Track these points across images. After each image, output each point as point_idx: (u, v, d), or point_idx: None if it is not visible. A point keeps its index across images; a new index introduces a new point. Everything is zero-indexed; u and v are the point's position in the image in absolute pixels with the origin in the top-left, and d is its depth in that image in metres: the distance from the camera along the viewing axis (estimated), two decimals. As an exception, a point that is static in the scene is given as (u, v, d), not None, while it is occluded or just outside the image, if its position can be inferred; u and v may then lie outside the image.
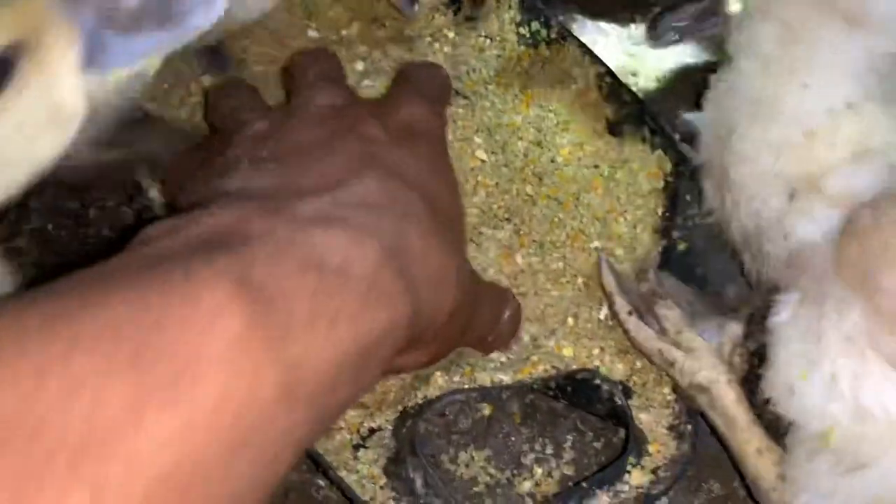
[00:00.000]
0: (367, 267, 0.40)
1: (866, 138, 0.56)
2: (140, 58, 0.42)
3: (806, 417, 0.52)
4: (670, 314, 0.63)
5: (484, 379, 0.62)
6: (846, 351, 0.50)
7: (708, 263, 0.68)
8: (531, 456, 0.64)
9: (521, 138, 0.72)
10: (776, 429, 0.56)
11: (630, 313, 0.64)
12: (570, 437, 0.66)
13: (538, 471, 0.64)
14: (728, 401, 0.57)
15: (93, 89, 0.41)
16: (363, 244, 0.40)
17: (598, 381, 0.62)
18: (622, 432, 0.64)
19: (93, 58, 0.40)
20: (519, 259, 0.68)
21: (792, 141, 0.57)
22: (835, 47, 0.57)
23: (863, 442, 0.50)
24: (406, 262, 0.43)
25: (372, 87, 0.72)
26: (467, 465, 0.63)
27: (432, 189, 0.50)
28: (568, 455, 0.65)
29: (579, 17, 0.81)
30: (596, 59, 0.73)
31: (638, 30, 0.82)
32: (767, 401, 0.55)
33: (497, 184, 0.70)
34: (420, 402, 0.62)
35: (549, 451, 0.65)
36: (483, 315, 0.59)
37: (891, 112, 0.57)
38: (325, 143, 0.49)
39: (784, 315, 0.53)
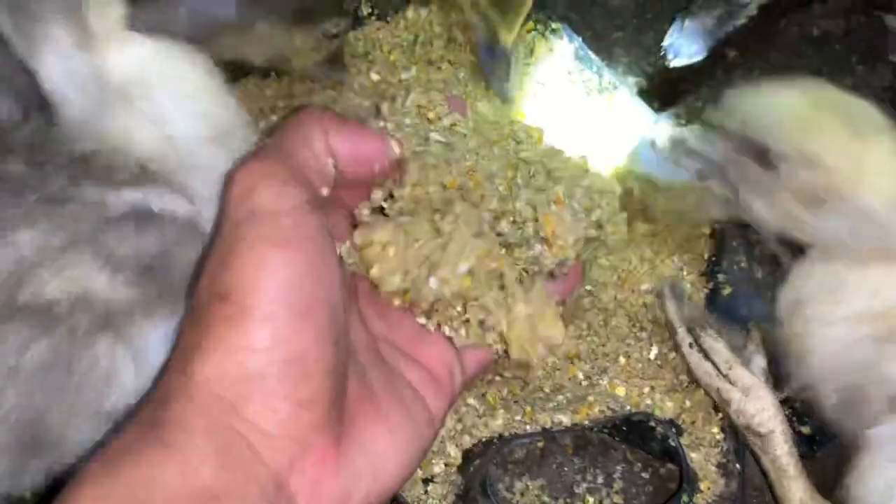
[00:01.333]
0: None
1: None
2: None
3: None
4: (717, 347, 0.66)
5: (544, 420, 0.66)
6: None
7: (751, 306, 0.71)
8: (583, 486, 0.68)
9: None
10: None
11: (691, 346, 0.67)
12: (619, 467, 0.70)
13: (590, 500, 0.68)
14: (781, 451, 0.61)
15: None
16: None
17: (652, 423, 0.65)
18: (668, 464, 0.67)
19: None
20: (571, 301, 0.71)
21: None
22: None
23: None
24: None
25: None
26: (523, 494, 0.67)
27: None
28: (618, 485, 0.68)
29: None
30: (646, 107, 0.77)
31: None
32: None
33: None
34: (485, 439, 0.65)
35: (599, 480, 0.69)
36: None
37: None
38: None
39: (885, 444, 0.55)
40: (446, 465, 0.65)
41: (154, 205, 0.51)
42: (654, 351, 0.70)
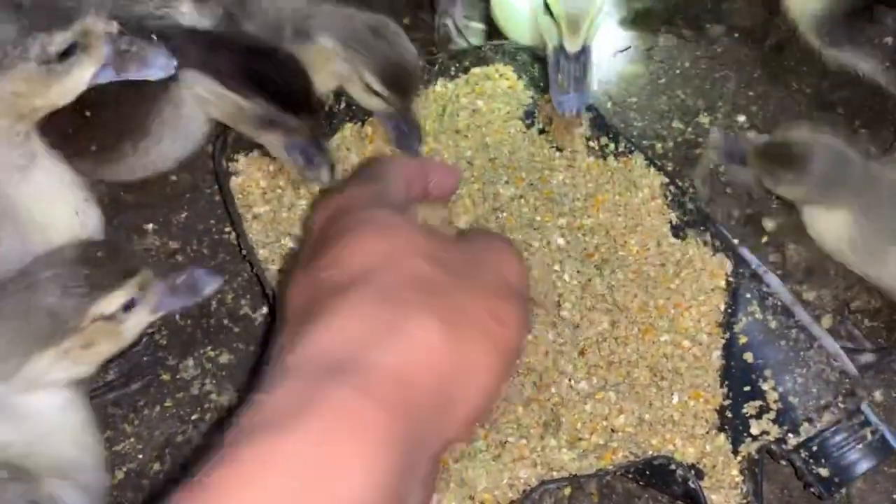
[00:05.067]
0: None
1: None
2: None
3: None
4: None
5: (571, 466, 0.69)
6: None
7: (766, 355, 0.74)
8: (608, 526, 0.71)
9: (593, 238, 0.80)
10: None
11: None
12: (641, 509, 0.73)
13: (616, 545, 0.71)
14: None
15: None
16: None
17: (673, 466, 0.68)
18: (691, 507, 0.70)
19: None
20: (593, 354, 0.74)
21: None
22: None
23: None
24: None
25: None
26: None
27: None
28: (641, 525, 0.72)
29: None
30: (660, 170, 0.81)
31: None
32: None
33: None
34: (516, 490, 0.68)
35: (623, 521, 0.72)
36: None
37: None
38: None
39: None
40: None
41: None
42: (676, 399, 0.73)
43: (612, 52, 0.97)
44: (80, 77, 0.62)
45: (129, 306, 0.61)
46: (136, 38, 0.63)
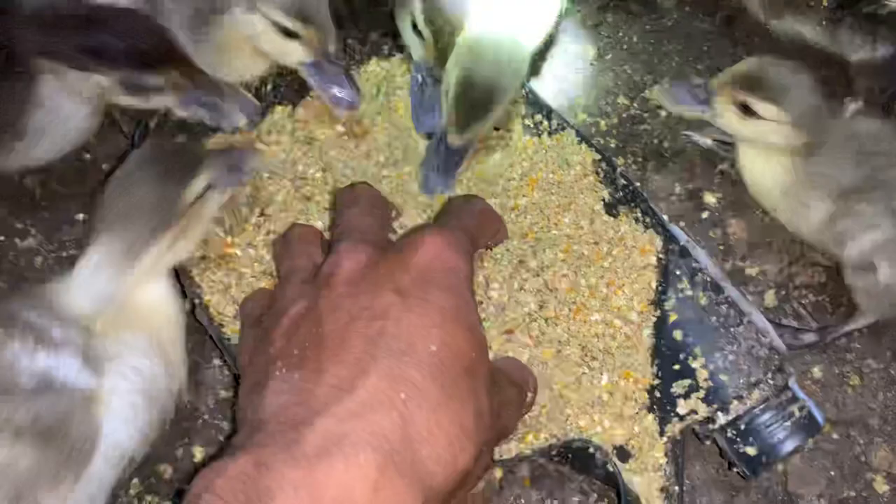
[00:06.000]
0: (367, 486, 0.48)
1: None
2: None
3: None
4: None
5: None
6: None
7: (696, 333, 0.73)
8: (541, 518, 0.70)
9: (526, 218, 0.79)
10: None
11: None
12: (575, 498, 0.72)
13: (548, 530, 0.70)
14: None
15: None
16: (361, 466, 0.49)
17: (592, 450, 0.67)
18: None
19: None
20: (521, 334, 0.73)
21: None
22: None
23: None
24: (411, 451, 0.50)
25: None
26: None
27: (445, 342, 0.55)
28: (575, 515, 0.70)
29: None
30: (591, 147, 0.80)
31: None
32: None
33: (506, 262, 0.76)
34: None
35: (557, 513, 0.71)
36: (511, 414, 0.65)
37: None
38: (340, 333, 0.56)
39: None
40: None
41: (60, 375, 0.59)
42: (605, 379, 0.72)
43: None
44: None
45: (208, 188, 0.67)
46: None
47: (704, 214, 0.85)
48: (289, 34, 0.73)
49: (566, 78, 0.92)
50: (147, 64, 0.68)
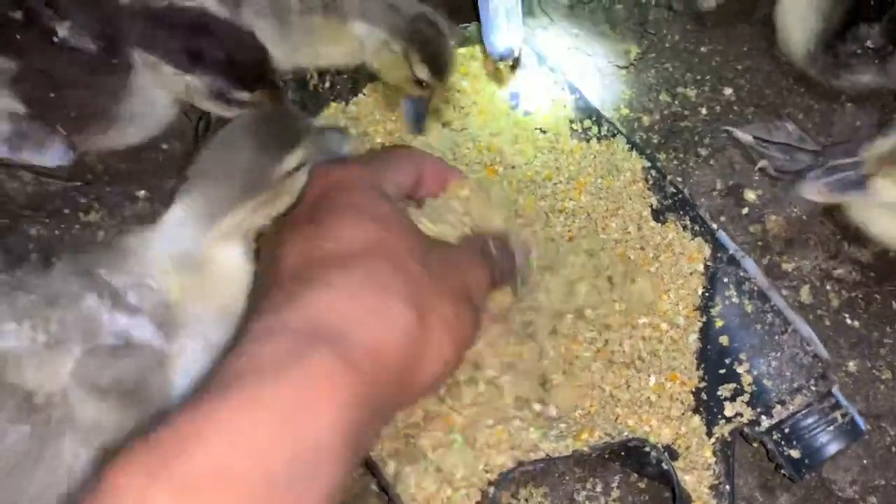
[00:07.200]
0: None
1: None
2: None
3: None
4: None
5: (548, 448, 0.71)
6: None
7: (742, 339, 0.76)
8: (583, 493, 0.75)
9: (574, 221, 0.82)
10: None
11: None
12: (617, 477, 0.76)
13: (589, 508, 0.74)
14: None
15: None
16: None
17: (647, 448, 0.71)
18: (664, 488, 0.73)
19: None
20: (573, 342, 0.76)
21: None
22: None
23: None
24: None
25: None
26: (527, 500, 0.74)
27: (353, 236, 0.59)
28: (615, 493, 0.75)
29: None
30: (642, 154, 0.82)
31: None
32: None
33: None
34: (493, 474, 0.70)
35: (598, 489, 0.75)
36: (482, 295, 0.66)
37: None
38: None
39: None
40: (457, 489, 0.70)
41: (137, 336, 0.61)
42: (653, 381, 0.75)
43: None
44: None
45: (301, 165, 0.66)
46: (37, 124, 0.72)
47: (745, 210, 0.87)
48: (419, 83, 0.77)
49: (610, 74, 0.94)
50: (240, 79, 0.71)
